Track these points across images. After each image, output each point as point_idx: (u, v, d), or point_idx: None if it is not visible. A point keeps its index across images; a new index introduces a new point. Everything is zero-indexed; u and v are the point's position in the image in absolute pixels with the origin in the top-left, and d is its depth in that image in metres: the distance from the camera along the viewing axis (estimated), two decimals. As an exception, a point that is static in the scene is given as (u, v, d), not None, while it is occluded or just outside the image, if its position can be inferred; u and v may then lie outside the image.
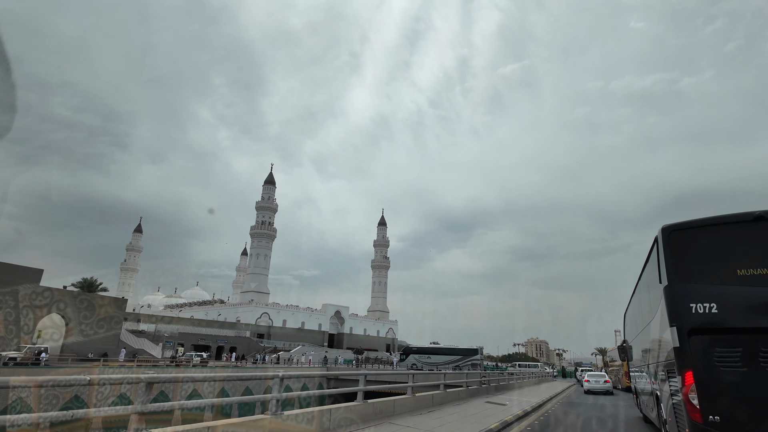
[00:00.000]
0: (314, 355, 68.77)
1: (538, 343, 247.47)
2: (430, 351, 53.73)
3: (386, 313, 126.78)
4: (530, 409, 14.96)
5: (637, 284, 11.54)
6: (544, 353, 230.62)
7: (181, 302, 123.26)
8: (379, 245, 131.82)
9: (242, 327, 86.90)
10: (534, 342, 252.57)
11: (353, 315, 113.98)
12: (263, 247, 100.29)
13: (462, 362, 48.91)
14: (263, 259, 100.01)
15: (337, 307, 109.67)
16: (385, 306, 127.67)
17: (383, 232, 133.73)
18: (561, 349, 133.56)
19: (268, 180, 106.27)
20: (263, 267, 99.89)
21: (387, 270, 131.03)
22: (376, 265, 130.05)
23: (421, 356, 52.29)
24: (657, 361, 8.46)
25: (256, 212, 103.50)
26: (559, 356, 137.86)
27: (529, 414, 14.05)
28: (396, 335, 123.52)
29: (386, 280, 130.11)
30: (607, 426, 12.43)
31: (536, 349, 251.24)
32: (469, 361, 48.91)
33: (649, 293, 8.96)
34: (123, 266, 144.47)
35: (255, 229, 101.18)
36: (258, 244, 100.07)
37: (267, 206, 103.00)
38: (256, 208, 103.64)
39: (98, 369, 35.00)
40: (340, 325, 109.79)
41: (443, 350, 54.36)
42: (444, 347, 58.61)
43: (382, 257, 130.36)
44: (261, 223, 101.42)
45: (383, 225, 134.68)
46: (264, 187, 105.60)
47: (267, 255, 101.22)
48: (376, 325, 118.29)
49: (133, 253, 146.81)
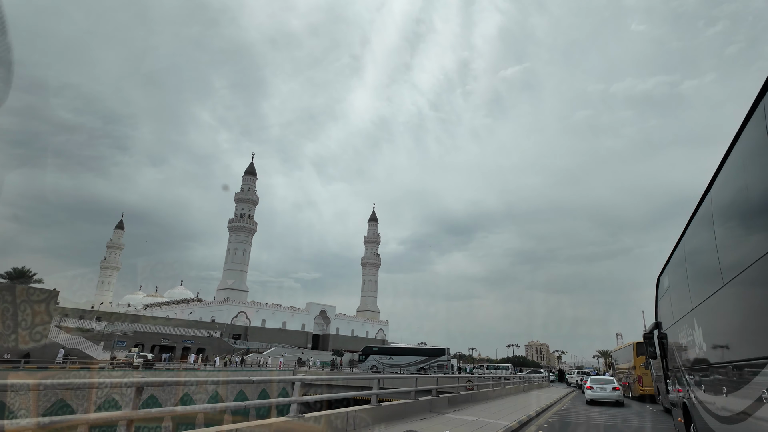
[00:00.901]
0: (286, 358, 62.14)
1: (539, 346, 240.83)
2: (392, 351, 49.67)
3: (376, 313, 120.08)
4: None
5: (699, 208, 5.97)
6: (545, 357, 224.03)
7: (159, 301, 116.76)
8: (369, 242, 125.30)
9: (215, 327, 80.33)
10: (534, 345, 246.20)
11: (340, 315, 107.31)
12: (242, 241, 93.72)
13: (427, 364, 44.89)
14: (241, 254, 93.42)
15: (322, 306, 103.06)
16: (375, 306, 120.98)
17: (374, 228, 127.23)
18: (560, 350, 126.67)
19: (248, 170, 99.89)
20: (241, 263, 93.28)
21: (378, 268, 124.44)
22: (366, 263, 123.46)
23: (382, 357, 47.85)
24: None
25: (234, 204, 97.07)
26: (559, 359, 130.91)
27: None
28: (386, 336, 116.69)
29: (377, 279, 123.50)
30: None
31: (537, 353, 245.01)
32: (435, 363, 44.71)
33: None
34: (103, 264, 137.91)
35: (233, 222, 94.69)
36: (236, 238, 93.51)
37: (246, 198, 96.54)
38: (235, 199, 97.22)
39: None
40: (325, 326, 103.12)
41: (407, 350, 50.15)
42: (408, 347, 54.53)
43: (372, 254, 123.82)
44: (240, 216, 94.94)
45: (374, 221, 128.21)
46: (244, 178, 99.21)
47: (246, 250, 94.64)
48: (364, 326, 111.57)
49: (113, 251, 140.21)
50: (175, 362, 58.40)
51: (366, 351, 50.34)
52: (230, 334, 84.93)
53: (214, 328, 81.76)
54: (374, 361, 47.49)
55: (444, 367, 44.48)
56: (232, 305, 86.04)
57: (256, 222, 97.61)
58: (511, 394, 22.93)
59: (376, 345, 56.40)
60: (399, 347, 54.66)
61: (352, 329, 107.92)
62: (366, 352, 49.87)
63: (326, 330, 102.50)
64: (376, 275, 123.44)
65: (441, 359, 45.30)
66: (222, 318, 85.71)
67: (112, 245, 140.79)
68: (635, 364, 26.18)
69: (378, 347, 52.66)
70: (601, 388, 21.58)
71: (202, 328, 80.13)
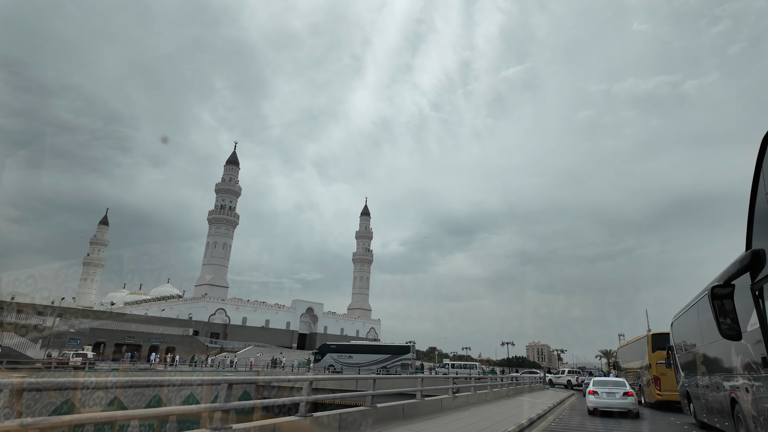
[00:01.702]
0: (259, 358, 56.75)
1: (540, 347, 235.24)
2: (352, 349, 46.02)
3: (368, 311, 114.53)
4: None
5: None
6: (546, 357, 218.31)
7: (140, 299, 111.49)
8: (361, 237, 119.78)
9: (190, 324, 74.99)
10: (535, 346, 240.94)
11: (329, 313, 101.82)
12: (222, 234, 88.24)
13: (390, 362, 41.70)
14: (221, 248, 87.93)
15: (309, 303, 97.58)
16: (367, 304, 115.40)
17: (366, 223, 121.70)
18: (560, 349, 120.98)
19: (230, 160, 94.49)
20: (221, 257, 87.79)
21: (370, 264, 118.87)
22: (357, 259, 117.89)
23: (341, 355, 43.90)
24: None
25: (215, 195, 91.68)
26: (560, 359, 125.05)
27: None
28: (379, 336, 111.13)
29: (369, 276, 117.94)
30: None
31: (538, 354, 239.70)
32: (399, 361, 41.44)
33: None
34: (86, 260, 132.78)
35: (213, 214, 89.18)
36: (216, 231, 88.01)
37: (228, 188, 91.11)
38: (215, 190, 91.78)
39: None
40: (312, 324, 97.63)
41: (368, 348, 46.88)
42: (369, 344, 51.45)
43: (364, 250, 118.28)
44: (220, 207, 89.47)
45: (366, 215, 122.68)
46: (226, 168, 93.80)
47: (227, 244, 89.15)
48: (355, 325, 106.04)
49: (97, 247, 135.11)
50: (140, 362, 53.26)
51: (323, 349, 46.31)
52: (208, 332, 79.58)
53: (188, 325, 76.46)
54: (332, 360, 43.49)
55: (409, 366, 40.94)
56: (210, 302, 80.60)
57: (238, 214, 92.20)
58: (485, 402, 17.37)
59: (334, 342, 51.51)
60: (359, 344, 50.81)
61: (341, 328, 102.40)
62: (322, 351, 45.81)
63: (313, 329, 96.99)
64: (368, 272, 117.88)
65: (405, 357, 41.85)
66: (200, 315, 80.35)
67: (95, 241, 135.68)
68: (650, 362, 20.65)
69: (336, 345, 48.26)
70: (608, 393, 16.01)
71: (176, 325, 74.86)
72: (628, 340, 30.07)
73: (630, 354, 26.54)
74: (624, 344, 31.83)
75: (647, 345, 21.26)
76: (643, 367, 22.40)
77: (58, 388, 18.84)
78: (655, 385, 20.15)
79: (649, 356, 20.89)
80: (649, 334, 21.29)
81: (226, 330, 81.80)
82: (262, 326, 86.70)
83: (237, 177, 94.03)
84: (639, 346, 23.47)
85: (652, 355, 20.63)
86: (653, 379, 20.34)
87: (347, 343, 52.03)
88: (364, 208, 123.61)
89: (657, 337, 21.05)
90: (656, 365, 20.33)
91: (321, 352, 46.05)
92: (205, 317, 79.90)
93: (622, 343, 33.33)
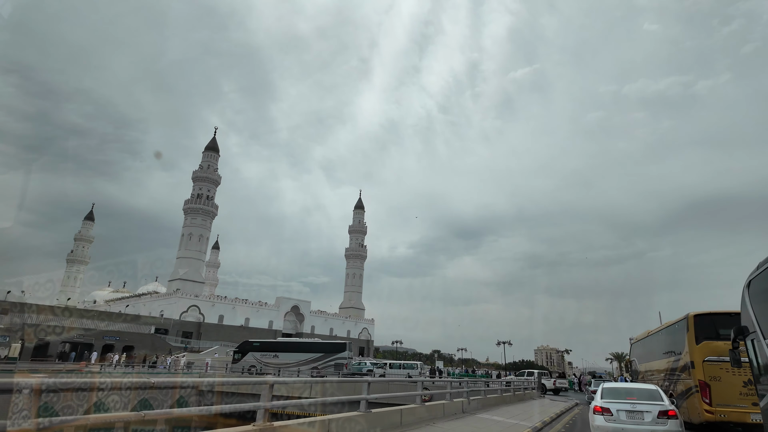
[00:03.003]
0: (217, 358, 49.72)
1: (548, 351, 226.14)
2: (278, 347, 39.96)
3: (361, 310, 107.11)
4: None
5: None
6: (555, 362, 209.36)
7: (119, 296, 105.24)
8: (355, 231, 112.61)
9: (156, 322, 68.29)
10: (544, 350, 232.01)
11: (317, 312, 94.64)
12: (198, 225, 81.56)
13: (323, 362, 36.28)
14: (197, 240, 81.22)
15: (294, 301, 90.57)
16: (360, 302, 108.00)
17: (360, 217, 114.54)
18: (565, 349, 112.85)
19: (209, 146, 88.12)
20: (197, 250, 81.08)
21: (363, 261, 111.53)
22: (350, 255, 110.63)
23: (264, 354, 37.86)
24: None
25: (192, 183, 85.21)
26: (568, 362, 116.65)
27: None
28: (372, 337, 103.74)
29: (362, 273, 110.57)
30: None
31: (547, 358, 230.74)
32: (333, 361, 35.98)
33: None
34: (69, 257, 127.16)
35: (189, 203, 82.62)
36: (192, 221, 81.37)
37: (206, 176, 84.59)
38: (192, 178, 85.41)
39: None
40: (298, 324, 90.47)
41: (297, 346, 40.80)
42: (297, 342, 45.41)
43: (357, 245, 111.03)
44: (197, 197, 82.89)
45: (360, 209, 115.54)
46: (204, 154, 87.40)
47: (203, 235, 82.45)
48: (345, 325, 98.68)
49: (81, 243, 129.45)
50: (91, 363, 46.66)
51: (243, 347, 40.19)
52: (179, 331, 72.90)
53: (158, 324, 69.78)
54: (254, 360, 37.43)
55: (344, 367, 35.49)
56: (182, 298, 73.87)
57: (217, 204, 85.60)
58: (428, 422, 10.01)
59: (258, 340, 44.74)
60: (287, 342, 44.50)
61: (330, 328, 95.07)
62: (243, 348, 39.80)
63: (299, 328, 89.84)
64: (361, 268, 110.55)
65: (340, 356, 36.58)
66: (171, 313, 73.64)
67: (80, 237, 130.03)
68: (693, 359, 13.21)
69: (260, 342, 42.00)
70: (630, 412, 8.54)
71: (143, 323, 68.25)
72: (648, 331, 21.90)
73: (654, 348, 18.73)
74: (643, 336, 23.07)
75: (686, 332, 13.77)
76: (677, 368, 14.84)
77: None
78: (702, 396, 12.62)
79: (690, 350, 13.41)
80: (691, 315, 13.78)
81: (200, 329, 75.07)
82: (240, 325, 79.81)
83: (216, 164, 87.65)
84: (670, 335, 15.91)
85: (696, 349, 13.16)
86: (698, 387, 12.82)
87: (273, 340, 45.32)
88: (358, 201, 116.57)
89: (703, 320, 13.58)
90: (703, 364, 12.85)
91: (241, 350, 39.76)
92: (176, 315, 73.21)
93: (640, 335, 24.10)
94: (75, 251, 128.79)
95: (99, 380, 4.27)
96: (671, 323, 16.08)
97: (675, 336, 15.17)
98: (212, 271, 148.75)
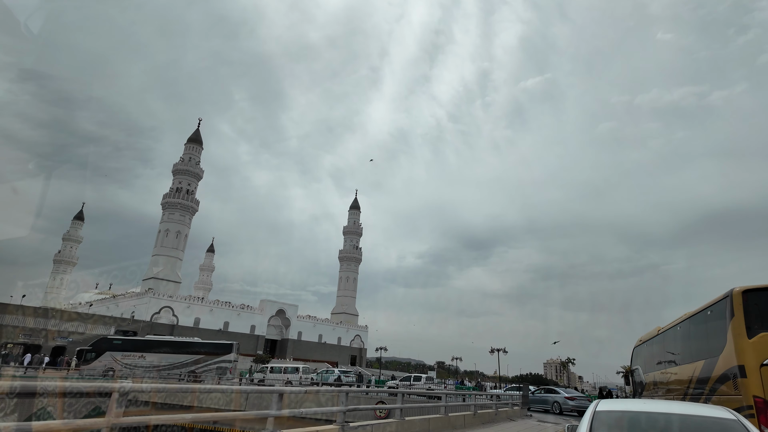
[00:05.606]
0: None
1: (557, 364, 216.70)
2: (146, 346, 33.80)
3: (354, 316, 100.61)
4: None
5: None
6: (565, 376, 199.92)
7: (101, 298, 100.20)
8: (349, 233, 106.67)
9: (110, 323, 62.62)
10: (553, 363, 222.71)
11: (304, 317, 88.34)
12: (176, 221, 76.24)
13: (203, 365, 30.99)
14: (174, 237, 75.81)
15: (279, 305, 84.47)
16: (353, 308, 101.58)
17: (355, 218, 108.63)
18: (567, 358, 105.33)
19: (192, 138, 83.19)
20: (174, 247, 75.62)
21: (358, 264, 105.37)
22: (344, 257, 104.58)
23: (127, 354, 31.82)
24: None
25: (172, 176, 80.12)
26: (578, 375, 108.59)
27: None
28: (365, 344, 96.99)
29: (356, 276, 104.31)
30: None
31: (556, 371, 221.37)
32: (216, 364, 30.70)
33: None
34: (56, 258, 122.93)
35: (168, 198, 77.42)
36: (169, 216, 76.08)
37: (186, 169, 79.49)
38: (172, 171, 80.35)
39: None
40: (284, 329, 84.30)
41: (170, 345, 34.35)
42: (172, 340, 38.52)
43: (352, 247, 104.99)
44: (176, 190, 77.68)
45: (356, 209, 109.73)
46: (186, 146, 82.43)
47: (181, 232, 77.05)
48: (336, 331, 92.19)
49: (69, 243, 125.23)
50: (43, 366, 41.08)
51: (99, 345, 33.88)
52: (149, 333, 67.15)
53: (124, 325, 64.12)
54: (112, 361, 31.48)
55: (228, 371, 30.42)
56: (154, 298, 68.30)
57: (198, 200, 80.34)
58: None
59: (120, 337, 37.86)
60: (158, 340, 38.00)
61: (319, 334, 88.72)
62: (98, 347, 33.52)
63: (285, 334, 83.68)
64: (355, 272, 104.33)
65: (225, 358, 31.89)
66: (142, 314, 68.06)
67: (68, 237, 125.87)
68: (744, 361, 6.71)
69: (122, 340, 35.22)
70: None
71: (109, 324, 62.74)
72: (658, 328, 14.62)
73: (669, 350, 11.75)
74: (652, 334, 15.18)
75: (729, 319, 7.40)
76: (710, 378, 8.22)
77: None
78: (760, 423, 6.19)
79: (737, 347, 7.04)
80: (737, 291, 7.36)
81: (173, 332, 69.21)
82: (219, 329, 73.83)
83: (199, 157, 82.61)
84: (699, 327, 9.28)
85: (748, 345, 6.78)
86: (753, 408, 6.41)
87: (140, 337, 38.50)
88: (354, 201, 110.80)
89: (759, 299, 7.28)
90: (761, 371, 6.53)
91: (96, 348, 33.50)
92: (147, 316, 67.57)
93: (647, 335, 15.50)
94: (62, 251, 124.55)
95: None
96: (701, 309, 9.43)
97: (707, 327, 8.77)
98: (206, 274, 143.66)
